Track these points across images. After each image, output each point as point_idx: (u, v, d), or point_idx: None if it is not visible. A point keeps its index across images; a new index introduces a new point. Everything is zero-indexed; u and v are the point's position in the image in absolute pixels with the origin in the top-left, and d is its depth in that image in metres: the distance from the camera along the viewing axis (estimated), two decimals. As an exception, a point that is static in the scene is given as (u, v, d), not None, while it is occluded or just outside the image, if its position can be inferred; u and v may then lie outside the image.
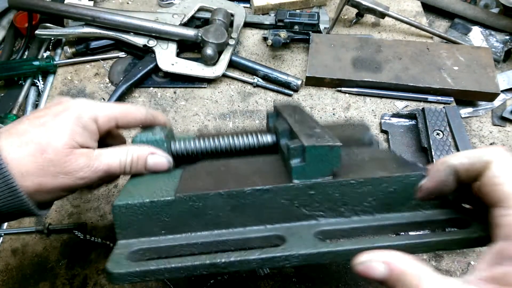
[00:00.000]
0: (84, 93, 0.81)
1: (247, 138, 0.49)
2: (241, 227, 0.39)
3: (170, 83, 0.82)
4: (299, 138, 0.38)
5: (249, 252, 0.35)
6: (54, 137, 0.41)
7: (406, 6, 0.95)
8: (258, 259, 0.34)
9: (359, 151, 0.46)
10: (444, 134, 0.68)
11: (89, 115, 0.44)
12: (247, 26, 0.91)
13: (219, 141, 0.49)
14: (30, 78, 0.83)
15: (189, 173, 0.44)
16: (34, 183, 0.40)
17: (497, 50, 0.88)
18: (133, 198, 0.38)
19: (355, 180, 0.38)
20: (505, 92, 0.83)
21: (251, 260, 0.34)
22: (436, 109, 0.71)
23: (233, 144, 0.49)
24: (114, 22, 0.81)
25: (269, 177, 0.40)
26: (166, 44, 0.82)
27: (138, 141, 0.47)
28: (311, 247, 0.35)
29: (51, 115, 0.42)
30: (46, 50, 0.89)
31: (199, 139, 0.49)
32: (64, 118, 0.42)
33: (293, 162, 0.38)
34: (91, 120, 0.44)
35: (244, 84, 0.82)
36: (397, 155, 0.46)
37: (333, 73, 0.79)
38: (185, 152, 0.49)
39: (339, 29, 0.91)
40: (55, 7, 0.81)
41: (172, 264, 0.34)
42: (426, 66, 0.79)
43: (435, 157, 0.65)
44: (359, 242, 0.35)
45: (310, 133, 0.39)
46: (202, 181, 0.41)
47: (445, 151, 0.66)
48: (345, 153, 0.40)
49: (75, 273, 0.60)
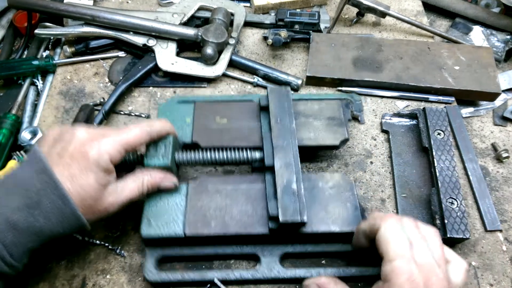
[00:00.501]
0: (84, 92, 0.80)
1: (239, 153, 0.61)
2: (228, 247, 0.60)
3: (169, 83, 0.82)
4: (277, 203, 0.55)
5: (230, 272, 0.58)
6: (87, 189, 0.49)
7: (407, 5, 0.95)
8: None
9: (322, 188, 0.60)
10: (445, 134, 0.68)
11: (104, 158, 0.50)
12: (247, 26, 0.90)
13: (216, 155, 0.61)
14: (30, 77, 0.83)
15: (194, 200, 0.59)
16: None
17: (498, 49, 0.87)
18: (154, 230, 0.56)
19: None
20: (506, 91, 0.82)
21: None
22: (437, 109, 0.71)
23: (226, 158, 0.61)
24: (113, 21, 0.80)
25: (252, 222, 0.57)
26: (166, 44, 0.82)
27: (149, 165, 0.57)
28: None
29: (75, 167, 0.49)
30: (45, 49, 0.88)
31: (199, 151, 0.61)
32: (88, 170, 0.49)
33: (270, 224, 0.56)
34: (107, 162, 0.50)
35: (244, 83, 0.82)
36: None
37: (334, 72, 0.79)
38: (187, 162, 0.60)
39: (339, 28, 0.91)
40: (55, 6, 0.81)
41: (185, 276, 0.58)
42: (427, 66, 0.79)
43: (435, 157, 0.65)
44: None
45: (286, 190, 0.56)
46: (205, 222, 0.57)
47: (446, 151, 0.66)
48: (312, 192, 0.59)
49: (74, 274, 0.60)
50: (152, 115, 0.77)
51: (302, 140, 0.63)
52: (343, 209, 0.57)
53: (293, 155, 0.59)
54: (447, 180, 0.63)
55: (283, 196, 0.55)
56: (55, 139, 0.51)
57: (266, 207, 0.57)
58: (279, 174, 0.57)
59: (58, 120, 0.77)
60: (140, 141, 0.54)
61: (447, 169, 0.64)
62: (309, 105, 0.67)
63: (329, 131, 0.65)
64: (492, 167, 0.72)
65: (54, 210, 0.47)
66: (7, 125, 0.73)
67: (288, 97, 0.65)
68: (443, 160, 0.65)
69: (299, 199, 0.54)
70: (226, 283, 0.58)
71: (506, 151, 0.72)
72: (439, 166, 0.64)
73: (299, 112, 0.66)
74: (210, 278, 0.58)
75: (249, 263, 0.61)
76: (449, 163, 0.65)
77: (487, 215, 0.65)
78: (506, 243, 0.63)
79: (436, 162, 0.65)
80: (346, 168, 0.70)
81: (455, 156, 0.66)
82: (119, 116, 0.77)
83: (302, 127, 0.65)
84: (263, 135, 0.62)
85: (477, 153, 0.73)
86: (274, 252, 0.59)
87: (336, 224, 0.56)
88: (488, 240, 0.64)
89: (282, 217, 0.53)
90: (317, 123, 0.65)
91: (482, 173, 0.69)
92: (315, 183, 0.60)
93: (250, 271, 0.58)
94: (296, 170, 0.57)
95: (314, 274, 0.58)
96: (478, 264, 0.61)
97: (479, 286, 0.60)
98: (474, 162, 0.70)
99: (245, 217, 0.57)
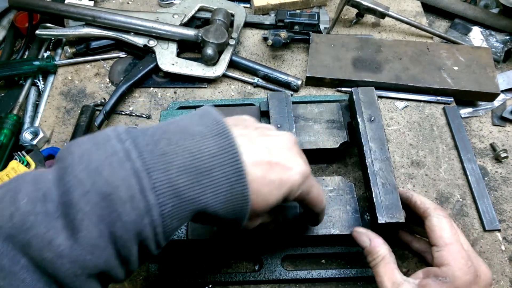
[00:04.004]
0: (85, 93, 0.81)
1: None
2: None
3: (170, 83, 0.82)
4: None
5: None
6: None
7: (406, 6, 0.95)
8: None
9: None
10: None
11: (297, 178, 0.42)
12: (247, 26, 0.91)
13: None
14: (31, 78, 0.83)
15: None
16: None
17: (497, 50, 0.88)
18: None
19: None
20: (505, 92, 0.83)
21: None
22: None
23: None
24: (114, 22, 0.81)
25: None
26: (166, 44, 0.82)
27: None
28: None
29: (265, 144, 0.41)
30: (46, 50, 0.89)
31: None
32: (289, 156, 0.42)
33: None
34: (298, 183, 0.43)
35: (244, 84, 0.82)
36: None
37: (333, 73, 0.79)
38: None
39: (339, 29, 0.91)
40: (56, 7, 0.81)
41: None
42: (426, 66, 0.80)
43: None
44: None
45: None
46: (206, 227, 0.57)
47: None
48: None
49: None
50: (153, 116, 0.78)
51: (302, 143, 0.64)
52: (343, 212, 0.58)
53: None
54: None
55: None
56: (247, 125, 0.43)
57: None
58: None
59: (59, 120, 0.77)
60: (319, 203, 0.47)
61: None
62: (308, 108, 0.68)
63: (329, 134, 0.65)
64: (491, 167, 0.73)
65: (225, 185, 0.36)
66: (9, 126, 0.73)
67: (288, 102, 0.65)
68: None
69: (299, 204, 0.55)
70: (228, 284, 0.59)
71: (504, 151, 0.72)
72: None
73: (298, 116, 0.67)
74: (211, 279, 0.58)
75: (249, 263, 0.61)
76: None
77: (486, 215, 0.65)
78: (504, 243, 0.64)
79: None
80: (345, 168, 0.71)
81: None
82: (120, 117, 0.78)
83: (302, 131, 0.65)
84: None
85: (476, 153, 0.74)
86: (275, 254, 0.60)
87: (336, 228, 0.57)
88: (487, 239, 0.64)
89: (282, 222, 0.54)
90: (317, 126, 0.66)
91: (481, 173, 0.70)
92: None
93: (252, 273, 0.59)
94: None
95: (315, 275, 0.59)
96: (477, 264, 0.62)
97: (477, 285, 0.60)
98: (473, 162, 0.71)
99: None
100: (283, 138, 0.43)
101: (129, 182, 0.32)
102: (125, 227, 0.32)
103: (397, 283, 0.46)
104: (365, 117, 0.62)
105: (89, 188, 0.31)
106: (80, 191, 0.31)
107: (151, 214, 0.32)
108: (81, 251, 0.31)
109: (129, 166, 0.32)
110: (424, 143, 0.74)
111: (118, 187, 0.32)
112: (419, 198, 0.53)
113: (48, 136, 0.75)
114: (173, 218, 0.34)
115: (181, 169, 0.34)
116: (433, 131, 0.75)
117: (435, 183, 0.69)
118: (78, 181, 0.32)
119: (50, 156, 0.70)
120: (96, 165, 0.32)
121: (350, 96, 0.65)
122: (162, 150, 0.34)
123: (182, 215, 0.35)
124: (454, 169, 0.71)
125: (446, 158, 0.72)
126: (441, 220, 0.49)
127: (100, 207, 0.31)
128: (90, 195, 0.31)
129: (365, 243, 0.51)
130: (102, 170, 0.32)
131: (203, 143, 0.36)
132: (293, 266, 0.61)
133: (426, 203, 0.52)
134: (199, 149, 0.35)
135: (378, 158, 0.58)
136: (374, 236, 0.51)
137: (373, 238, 0.51)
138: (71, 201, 0.31)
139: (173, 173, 0.34)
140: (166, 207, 0.33)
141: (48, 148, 0.72)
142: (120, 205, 0.31)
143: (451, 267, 0.45)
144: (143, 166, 0.33)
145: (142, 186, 0.32)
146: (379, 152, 0.59)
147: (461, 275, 0.45)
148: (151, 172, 0.33)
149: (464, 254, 0.46)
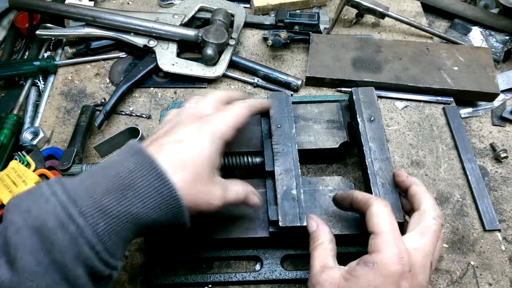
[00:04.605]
0: (85, 93, 0.81)
1: (240, 158, 0.62)
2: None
3: (170, 83, 0.82)
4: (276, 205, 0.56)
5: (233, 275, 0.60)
6: (197, 159, 0.44)
7: (406, 6, 0.95)
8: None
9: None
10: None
11: (221, 129, 0.47)
12: (247, 27, 0.91)
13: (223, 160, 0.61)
14: (31, 78, 0.83)
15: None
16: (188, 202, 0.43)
17: (497, 50, 0.88)
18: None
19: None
20: (504, 92, 0.83)
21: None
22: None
23: (227, 163, 0.62)
24: (114, 22, 0.81)
25: (253, 227, 0.58)
26: (166, 44, 0.82)
27: None
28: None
29: (184, 133, 0.45)
30: (46, 50, 0.89)
31: None
32: (202, 134, 0.45)
33: (271, 227, 0.57)
34: (223, 134, 0.47)
35: (244, 84, 0.82)
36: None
37: (333, 73, 0.79)
38: None
39: (339, 29, 0.91)
40: (56, 7, 0.81)
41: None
42: (426, 66, 0.80)
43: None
44: None
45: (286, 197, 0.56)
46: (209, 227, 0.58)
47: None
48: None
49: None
50: (153, 116, 0.78)
51: (302, 143, 0.64)
52: (343, 212, 0.58)
53: (293, 161, 0.59)
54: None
55: (283, 202, 0.55)
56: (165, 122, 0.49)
57: (267, 212, 0.57)
58: (279, 180, 0.57)
59: (59, 120, 0.77)
60: (246, 118, 0.51)
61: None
62: (308, 108, 0.68)
63: (329, 134, 0.65)
64: (491, 167, 0.73)
65: (151, 192, 0.40)
66: (9, 126, 0.73)
67: (288, 102, 0.65)
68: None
69: (298, 204, 0.55)
70: (228, 284, 0.59)
71: (504, 151, 0.72)
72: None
73: (298, 116, 0.67)
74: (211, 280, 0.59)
75: (249, 263, 0.62)
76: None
77: (486, 214, 0.66)
78: (504, 243, 0.64)
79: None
80: (345, 168, 0.71)
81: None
82: (120, 117, 0.78)
83: (302, 131, 0.65)
84: (264, 141, 0.63)
85: (475, 153, 0.74)
86: (275, 254, 0.60)
87: (336, 228, 0.57)
88: (487, 239, 0.64)
89: (282, 222, 0.54)
90: (317, 126, 0.66)
91: (481, 173, 0.70)
92: (315, 187, 0.60)
93: (252, 273, 0.59)
94: (296, 176, 0.57)
95: None
96: (477, 264, 0.62)
97: (478, 285, 0.60)
98: (473, 162, 0.71)
99: (247, 222, 0.58)
100: (194, 139, 0.45)
101: (56, 213, 0.36)
102: (61, 251, 0.35)
103: (326, 266, 0.46)
104: (365, 117, 0.62)
105: (20, 226, 0.36)
106: (12, 229, 0.36)
107: (84, 236, 0.36)
108: (20, 279, 0.35)
109: (55, 200, 0.37)
110: (424, 143, 0.74)
111: (46, 219, 0.36)
112: (359, 193, 0.52)
113: (48, 136, 0.75)
114: (111, 234, 0.38)
115: (105, 191, 0.38)
116: (433, 131, 0.75)
117: (435, 183, 0.69)
118: (10, 222, 0.36)
119: (50, 156, 0.70)
120: (27, 207, 0.37)
121: (350, 96, 0.65)
122: (85, 184, 0.39)
123: (120, 229, 0.38)
124: (454, 169, 0.71)
125: (446, 158, 0.72)
126: (381, 209, 0.47)
127: (33, 239, 0.35)
128: (22, 231, 0.36)
129: (313, 228, 0.52)
130: (31, 209, 0.36)
131: (121, 165, 0.40)
132: (293, 266, 0.61)
133: (366, 195, 0.51)
134: (117, 172, 0.40)
135: (378, 158, 0.58)
136: (322, 223, 0.52)
137: (320, 225, 0.52)
138: (8, 240, 0.36)
139: (97, 197, 0.38)
140: (98, 227, 0.37)
141: (48, 148, 0.72)
142: (52, 233, 0.35)
143: (380, 254, 0.43)
144: (68, 198, 0.37)
145: (69, 213, 0.36)
146: (379, 152, 0.59)
147: (389, 264, 0.42)
148: (76, 200, 0.37)
149: (400, 245, 0.44)
